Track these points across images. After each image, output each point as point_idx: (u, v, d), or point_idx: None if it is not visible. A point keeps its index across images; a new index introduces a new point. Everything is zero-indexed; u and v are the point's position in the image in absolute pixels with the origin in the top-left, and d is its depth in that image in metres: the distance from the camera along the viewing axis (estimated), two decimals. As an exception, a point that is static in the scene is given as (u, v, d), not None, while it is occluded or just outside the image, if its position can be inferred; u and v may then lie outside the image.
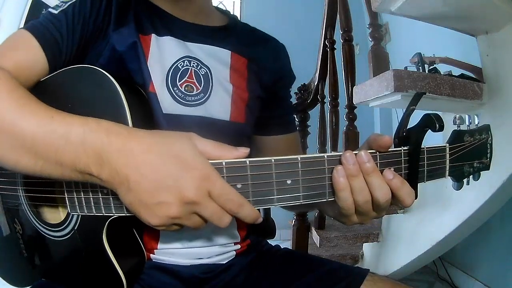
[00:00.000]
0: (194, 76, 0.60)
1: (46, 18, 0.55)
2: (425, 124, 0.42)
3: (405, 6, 0.99)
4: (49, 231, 0.56)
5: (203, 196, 0.38)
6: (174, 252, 0.60)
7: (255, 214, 0.40)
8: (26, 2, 2.38)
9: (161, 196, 0.37)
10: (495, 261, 1.64)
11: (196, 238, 0.61)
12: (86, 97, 0.49)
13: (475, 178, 0.48)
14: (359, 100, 1.27)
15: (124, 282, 0.51)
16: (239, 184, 0.40)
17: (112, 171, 0.38)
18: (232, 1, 3.30)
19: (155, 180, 0.37)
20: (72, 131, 0.39)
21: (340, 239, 1.53)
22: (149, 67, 0.57)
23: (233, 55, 0.66)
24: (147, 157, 0.38)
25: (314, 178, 0.42)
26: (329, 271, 0.61)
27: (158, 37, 0.60)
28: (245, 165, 0.40)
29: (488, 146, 0.48)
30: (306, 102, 1.81)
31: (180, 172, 0.37)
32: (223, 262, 0.64)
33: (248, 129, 0.66)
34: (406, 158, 0.43)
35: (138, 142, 0.39)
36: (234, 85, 0.64)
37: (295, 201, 0.42)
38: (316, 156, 0.41)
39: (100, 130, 0.39)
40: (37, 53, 0.52)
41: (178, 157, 0.38)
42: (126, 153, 0.38)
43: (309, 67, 1.83)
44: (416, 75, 1.02)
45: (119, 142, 0.38)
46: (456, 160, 0.45)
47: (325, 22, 1.69)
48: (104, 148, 0.38)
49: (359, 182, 0.41)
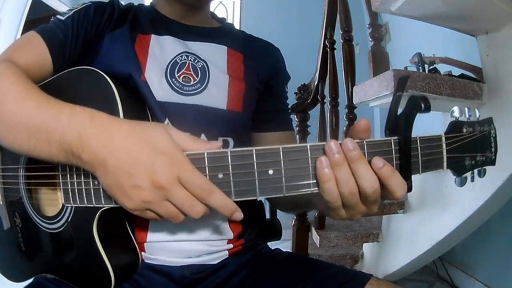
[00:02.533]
0: (191, 69, 0.65)
1: (55, 23, 0.61)
2: (411, 106, 0.39)
3: (405, 6, 0.99)
4: (45, 223, 0.57)
5: (173, 182, 0.39)
6: (163, 247, 0.60)
7: (229, 205, 0.40)
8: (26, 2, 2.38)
9: (134, 179, 0.39)
10: (495, 261, 1.64)
11: (183, 229, 0.60)
12: (82, 95, 0.53)
13: (480, 175, 0.44)
14: (359, 100, 1.27)
15: (112, 277, 0.51)
16: (220, 174, 0.40)
17: (91, 153, 0.41)
18: (232, 1, 3.30)
19: (130, 164, 0.39)
20: (61, 113, 0.43)
21: (340, 239, 1.53)
22: (148, 62, 0.62)
23: (229, 50, 0.70)
24: (123, 142, 0.40)
25: (297, 168, 0.40)
26: (332, 275, 0.61)
27: (158, 36, 0.66)
28: (226, 155, 0.40)
29: (491, 139, 0.44)
30: (306, 102, 1.80)
31: (152, 157, 0.39)
32: (214, 263, 0.63)
33: (245, 118, 0.68)
34: (397, 148, 0.40)
35: (117, 128, 0.41)
36: (231, 76, 0.67)
37: (278, 193, 0.40)
38: (299, 146, 0.40)
39: (85, 114, 0.42)
40: (45, 55, 0.58)
41: (152, 143, 0.40)
42: (105, 137, 0.41)
43: (309, 67, 1.83)
44: (416, 75, 1.02)
45: (100, 126, 0.41)
46: (454, 151, 0.42)
47: (325, 22, 1.69)
48: (85, 130, 0.41)
49: (344, 172, 0.39)
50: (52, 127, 0.42)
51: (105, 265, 0.51)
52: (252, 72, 0.70)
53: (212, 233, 0.63)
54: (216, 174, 0.40)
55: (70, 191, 0.50)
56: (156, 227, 0.59)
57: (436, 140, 0.42)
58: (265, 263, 0.66)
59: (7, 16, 2.27)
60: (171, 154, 0.39)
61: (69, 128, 0.42)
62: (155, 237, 0.60)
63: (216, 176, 0.40)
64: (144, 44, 0.64)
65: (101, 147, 0.40)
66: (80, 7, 0.63)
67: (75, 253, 0.54)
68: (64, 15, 0.62)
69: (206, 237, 0.62)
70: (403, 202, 1.43)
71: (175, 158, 0.39)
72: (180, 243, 0.60)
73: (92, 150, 0.40)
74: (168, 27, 0.67)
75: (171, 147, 0.40)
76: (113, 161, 0.40)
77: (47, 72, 0.58)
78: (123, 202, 0.41)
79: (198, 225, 0.61)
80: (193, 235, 0.61)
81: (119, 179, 0.40)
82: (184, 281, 0.60)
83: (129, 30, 0.64)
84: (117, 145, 0.40)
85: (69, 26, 0.60)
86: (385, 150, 0.40)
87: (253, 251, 0.68)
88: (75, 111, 0.43)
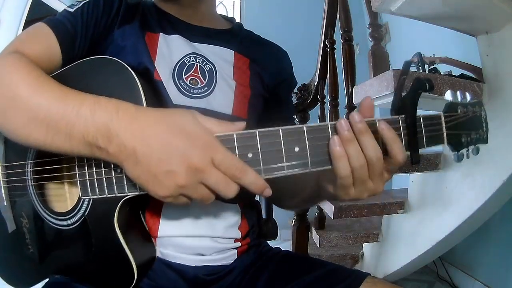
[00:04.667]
0: (199, 71, 0.64)
1: (63, 15, 0.59)
2: (417, 86, 0.44)
3: (405, 6, 0.99)
4: (57, 220, 0.55)
5: (207, 163, 0.40)
6: (174, 243, 0.60)
7: (260, 182, 0.42)
8: (26, 2, 2.38)
9: (168, 165, 0.39)
10: (495, 261, 1.64)
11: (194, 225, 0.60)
12: (104, 85, 0.51)
13: (474, 152, 0.49)
14: (359, 100, 1.27)
15: (135, 272, 0.51)
16: (250, 153, 0.42)
17: (120, 144, 0.40)
18: (232, 1, 3.30)
19: (162, 151, 0.40)
20: (83, 105, 0.42)
21: (340, 239, 1.53)
22: (157, 60, 0.61)
23: (236, 54, 0.69)
24: (153, 130, 0.40)
25: (320, 144, 0.43)
26: (329, 272, 0.62)
27: (166, 35, 0.65)
28: (254, 135, 0.42)
29: (483, 119, 0.49)
30: (306, 102, 1.80)
31: (185, 142, 0.40)
32: (225, 263, 0.64)
33: (250, 124, 0.67)
34: (404, 125, 0.44)
35: (145, 117, 0.41)
36: (237, 82, 0.66)
37: (305, 168, 0.43)
38: (320, 125, 0.44)
39: (110, 106, 0.42)
40: (54, 47, 0.56)
41: (183, 129, 0.40)
42: (134, 126, 0.41)
43: (309, 67, 1.83)
44: (416, 75, 1.02)
45: (127, 117, 0.41)
46: (453, 128, 0.47)
47: (325, 22, 1.69)
48: (113, 122, 0.41)
49: (354, 147, 0.42)
50: (74, 120, 0.42)
51: (128, 260, 0.50)
52: (258, 79, 0.69)
53: (222, 231, 0.63)
54: (246, 154, 0.42)
55: (89, 182, 0.49)
56: (168, 221, 0.59)
57: (436, 118, 0.47)
58: (264, 261, 0.68)
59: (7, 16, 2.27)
60: (203, 138, 0.40)
61: (93, 121, 0.41)
62: (166, 231, 0.59)
63: (245, 156, 0.42)
64: (152, 43, 0.63)
65: (130, 137, 0.40)
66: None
67: (93, 249, 0.53)
68: (73, 7, 0.60)
69: (217, 234, 0.62)
70: (403, 202, 1.43)
71: (207, 141, 0.40)
72: (191, 238, 0.60)
73: (120, 141, 0.40)
74: (176, 26, 0.66)
75: (202, 131, 0.41)
76: (145, 149, 0.40)
77: (56, 65, 0.57)
78: (155, 190, 0.41)
79: (209, 222, 0.62)
80: (204, 231, 0.61)
81: (151, 167, 0.40)
82: (196, 281, 0.61)
83: (139, 27, 0.63)
84: (147, 133, 0.40)
85: (79, 18, 0.58)
86: (394, 127, 0.44)
87: (256, 250, 0.70)
88: (99, 103, 0.42)
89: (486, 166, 1.05)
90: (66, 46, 0.57)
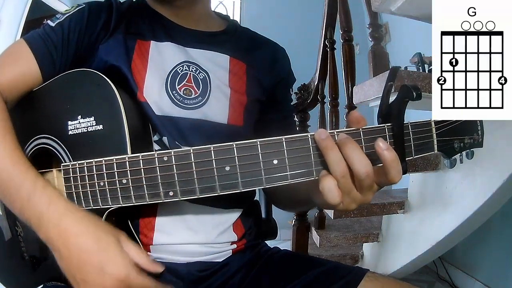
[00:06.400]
0: (192, 80, 0.62)
1: (44, 30, 0.58)
2: (403, 94, 0.41)
3: (405, 6, 0.99)
4: None
5: None
6: (169, 249, 0.60)
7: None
8: (26, 2, 2.38)
9: (84, 275, 0.43)
10: (495, 261, 1.64)
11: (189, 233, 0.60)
12: (83, 98, 0.52)
13: (468, 157, 0.47)
14: (359, 100, 1.27)
15: None
16: (227, 166, 0.42)
17: (48, 238, 0.45)
18: (232, 1, 3.30)
19: (81, 263, 0.43)
20: (23, 186, 0.46)
21: (340, 239, 1.53)
22: (148, 71, 0.60)
23: (232, 60, 0.67)
24: (77, 241, 0.44)
25: (300, 157, 0.42)
26: (329, 270, 0.62)
27: (158, 43, 0.63)
28: (231, 147, 0.42)
29: (478, 122, 0.46)
30: (306, 102, 1.80)
31: (103, 267, 0.43)
32: (218, 260, 0.64)
33: (246, 132, 0.66)
34: (391, 133, 0.42)
35: (72, 223, 0.45)
36: (233, 88, 0.65)
37: (283, 181, 0.42)
38: (300, 136, 0.42)
39: (44, 196, 0.45)
40: (32, 67, 0.56)
41: (104, 251, 0.44)
42: (60, 230, 0.44)
43: (309, 67, 1.83)
44: (416, 75, 1.02)
45: (56, 216, 0.45)
46: (443, 134, 0.44)
47: (325, 22, 1.69)
48: (43, 215, 0.45)
49: (334, 154, 0.40)
50: (14, 196, 0.46)
51: None
52: (255, 84, 0.68)
53: (217, 236, 0.63)
54: (223, 167, 0.42)
55: (75, 194, 0.49)
56: (162, 230, 0.59)
57: (426, 125, 0.44)
58: (263, 261, 0.67)
59: (7, 16, 2.27)
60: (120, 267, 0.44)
61: (27, 204, 0.45)
62: (161, 240, 0.59)
63: (223, 169, 0.42)
64: (143, 52, 0.61)
65: (55, 238, 0.44)
66: (73, 11, 0.60)
67: None
68: (54, 21, 0.58)
69: (211, 240, 0.62)
70: (403, 202, 1.43)
71: (124, 272, 0.44)
72: (186, 245, 0.61)
73: (48, 235, 0.44)
74: (168, 31, 0.64)
75: (121, 260, 0.44)
76: (67, 253, 0.44)
77: (36, 83, 0.57)
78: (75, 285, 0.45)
79: (204, 230, 0.61)
80: (199, 239, 0.61)
81: (71, 269, 0.44)
82: (190, 278, 0.61)
83: (125, 39, 0.60)
84: (70, 241, 0.44)
85: (59, 34, 0.57)
86: (380, 136, 0.42)
87: (254, 250, 0.69)
88: (35, 192, 0.45)
89: (486, 166, 1.05)
90: (45, 65, 0.57)
